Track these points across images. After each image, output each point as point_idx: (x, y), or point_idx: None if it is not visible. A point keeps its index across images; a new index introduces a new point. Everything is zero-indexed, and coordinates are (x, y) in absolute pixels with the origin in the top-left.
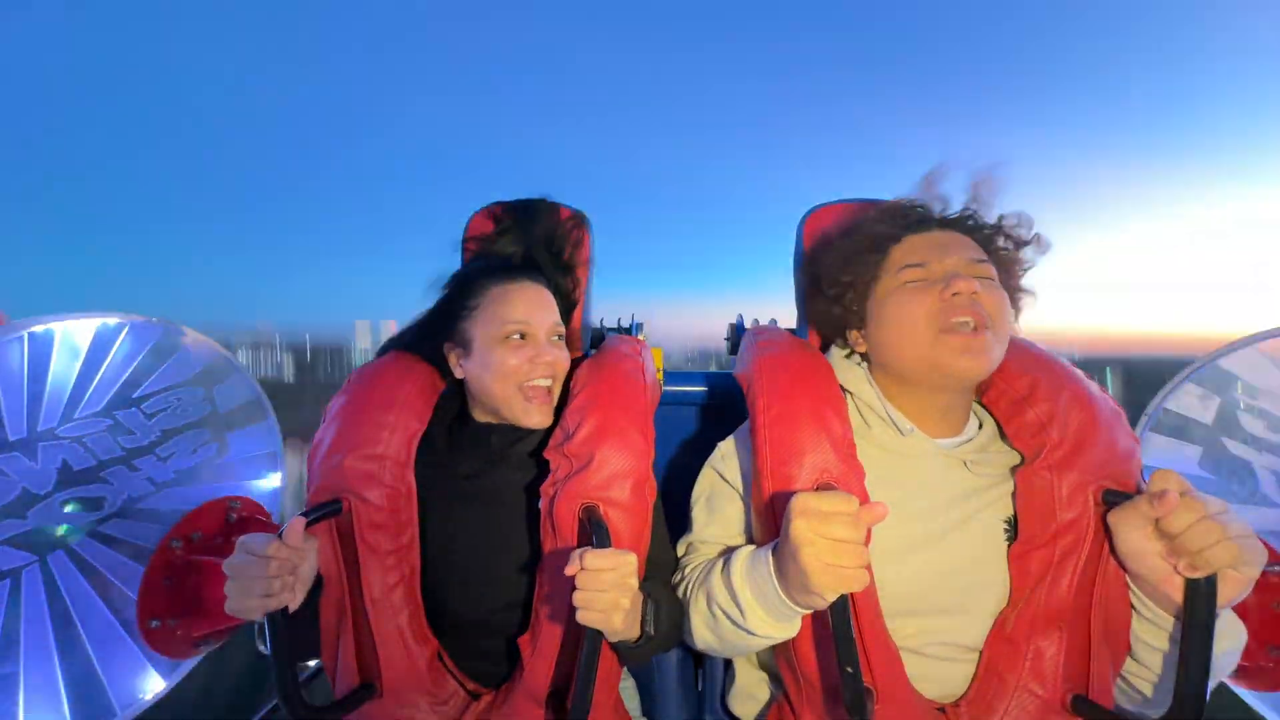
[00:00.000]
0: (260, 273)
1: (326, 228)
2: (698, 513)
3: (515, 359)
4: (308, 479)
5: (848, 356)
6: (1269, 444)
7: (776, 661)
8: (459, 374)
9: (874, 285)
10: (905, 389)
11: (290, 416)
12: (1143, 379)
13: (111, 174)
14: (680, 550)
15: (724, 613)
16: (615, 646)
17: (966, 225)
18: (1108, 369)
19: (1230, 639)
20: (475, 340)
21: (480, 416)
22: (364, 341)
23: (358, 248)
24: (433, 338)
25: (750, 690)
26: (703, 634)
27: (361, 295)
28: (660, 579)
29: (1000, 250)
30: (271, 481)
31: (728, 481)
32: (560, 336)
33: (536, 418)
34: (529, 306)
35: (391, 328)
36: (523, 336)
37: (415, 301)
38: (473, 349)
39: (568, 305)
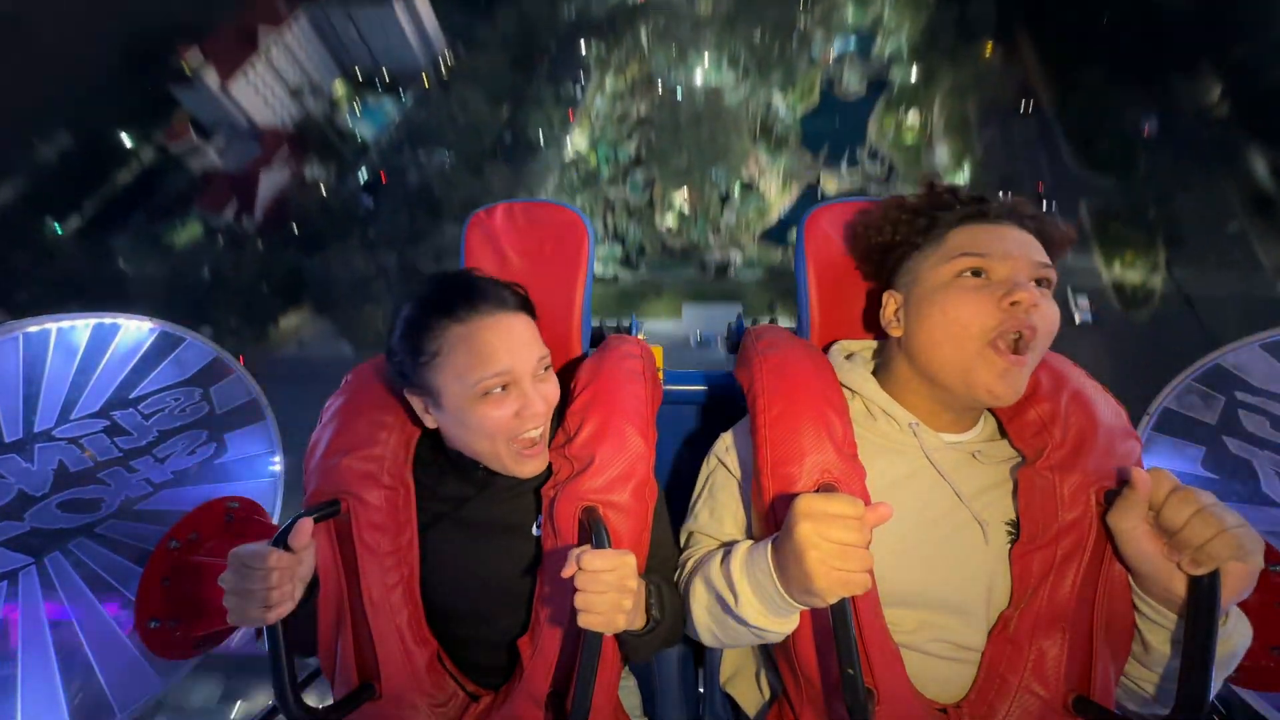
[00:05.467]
0: None
1: None
2: (699, 503)
3: (500, 412)
4: (305, 479)
5: (848, 358)
6: (1271, 443)
7: (776, 659)
8: (429, 423)
9: (918, 256)
10: (924, 385)
11: None
12: None
13: None
14: (681, 539)
15: (720, 600)
16: (621, 638)
17: (1033, 224)
18: None
19: (1239, 636)
20: (445, 394)
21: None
22: None
23: None
24: (400, 384)
25: (738, 665)
26: (703, 620)
27: None
28: (663, 573)
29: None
30: (270, 481)
31: (730, 471)
32: (547, 366)
33: (530, 467)
34: (507, 349)
35: None
36: (504, 388)
37: None
38: (443, 404)
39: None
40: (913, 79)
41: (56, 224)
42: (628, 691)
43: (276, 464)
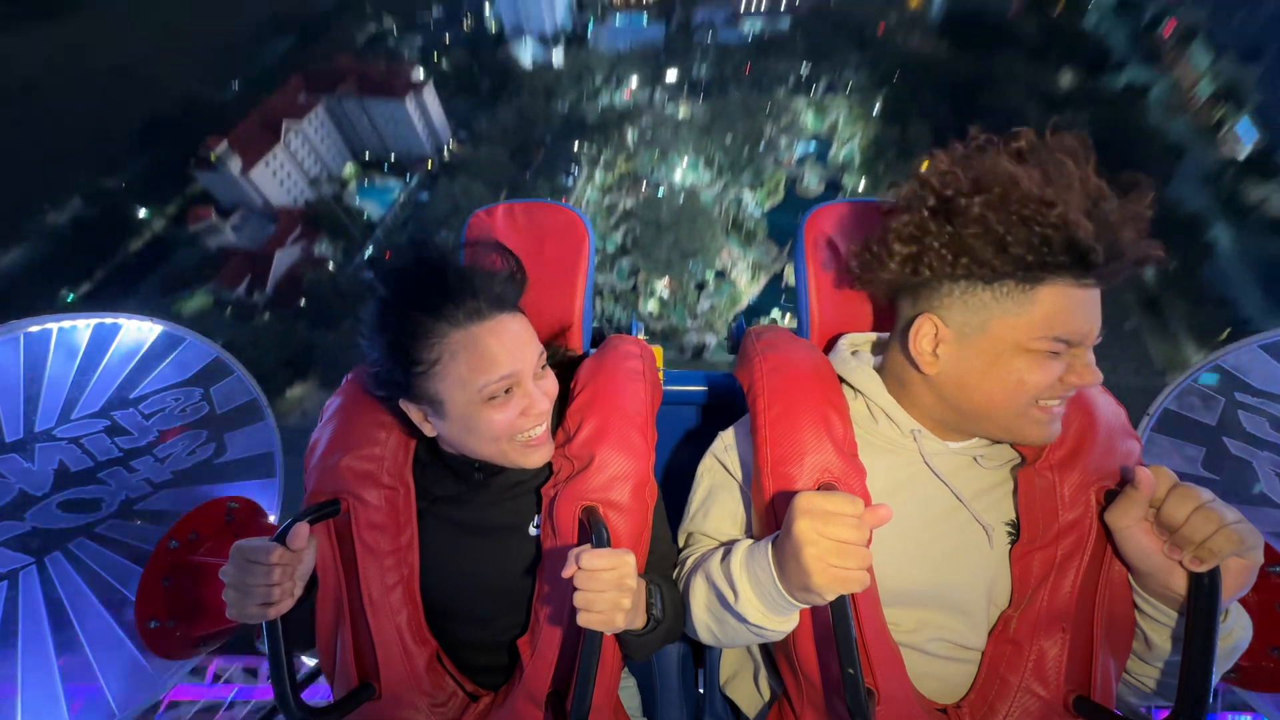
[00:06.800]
0: None
1: None
2: (698, 503)
3: (505, 415)
4: (305, 478)
5: (854, 354)
6: (1270, 444)
7: (777, 659)
8: (428, 431)
9: (988, 296)
10: (950, 414)
11: None
12: None
13: None
14: (680, 540)
15: (719, 597)
16: (622, 637)
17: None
18: None
19: (1240, 630)
20: (447, 403)
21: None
22: None
23: None
24: (388, 396)
25: (736, 667)
26: (702, 617)
27: None
28: (662, 571)
29: None
30: (269, 481)
31: (729, 471)
32: (545, 363)
33: (538, 457)
34: (508, 352)
35: None
36: (508, 390)
37: None
38: (445, 411)
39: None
40: (860, 188)
41: (69, 293)
42: (628, 692)
43: (276, 464)
